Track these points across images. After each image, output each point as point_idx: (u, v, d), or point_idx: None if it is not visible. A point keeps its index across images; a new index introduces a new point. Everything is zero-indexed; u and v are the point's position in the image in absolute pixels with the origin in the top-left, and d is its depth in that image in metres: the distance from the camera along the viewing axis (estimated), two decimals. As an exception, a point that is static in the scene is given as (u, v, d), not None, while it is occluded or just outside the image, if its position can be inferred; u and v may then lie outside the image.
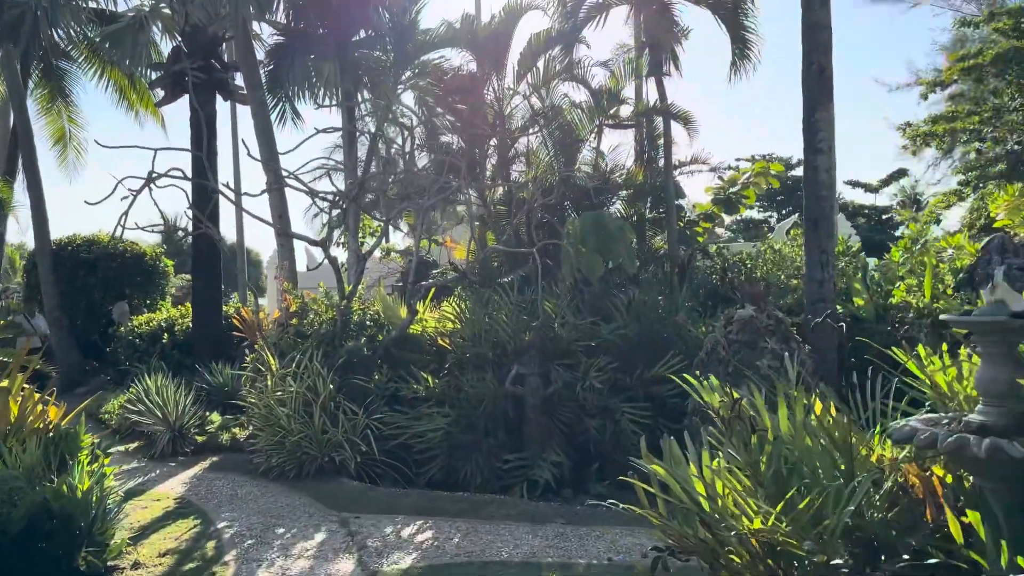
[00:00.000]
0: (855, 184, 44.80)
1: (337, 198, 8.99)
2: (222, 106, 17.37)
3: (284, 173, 10.69)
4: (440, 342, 8.93)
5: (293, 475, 8.19)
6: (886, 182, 44.91)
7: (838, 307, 8.57)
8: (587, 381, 7.92)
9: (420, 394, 8.35)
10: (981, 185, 25.65)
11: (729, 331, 7.62)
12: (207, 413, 11.37)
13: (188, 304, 15.58)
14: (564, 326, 8.37)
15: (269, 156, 13.30)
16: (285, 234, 10.67)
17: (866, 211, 44.04)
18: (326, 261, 10.07)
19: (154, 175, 8.33)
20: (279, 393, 8.58)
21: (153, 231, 9.03)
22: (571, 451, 7.96)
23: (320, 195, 8.23)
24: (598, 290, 8.99)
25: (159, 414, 9.83)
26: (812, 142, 8.44)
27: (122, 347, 14.86)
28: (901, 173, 42.84)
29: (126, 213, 8.46)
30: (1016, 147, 26.78)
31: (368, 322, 9.37)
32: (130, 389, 11.40)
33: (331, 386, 8.46)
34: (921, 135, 25.61)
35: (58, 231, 16.56)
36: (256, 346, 9.88)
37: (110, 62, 19.68)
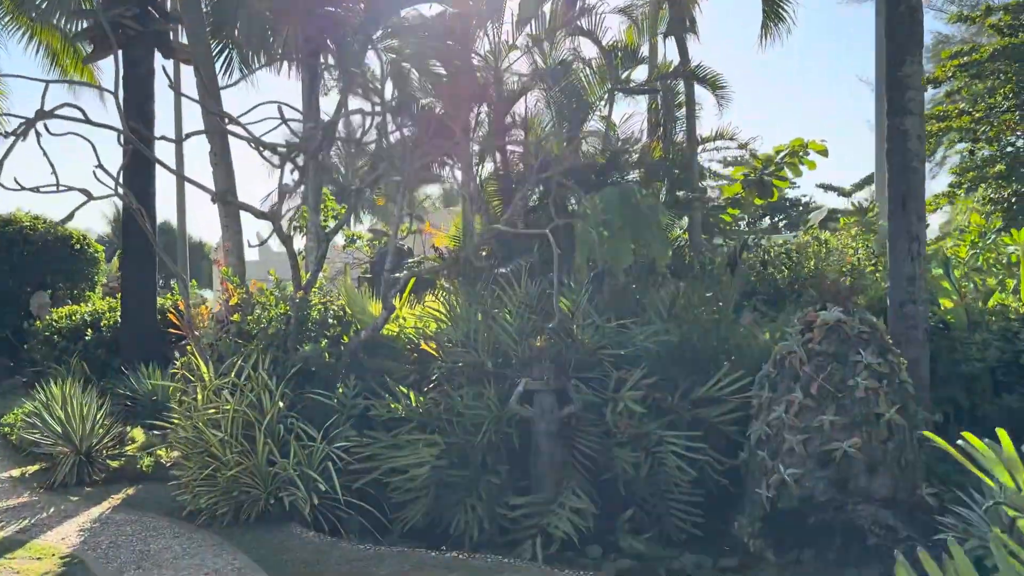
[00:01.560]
0: (827, 188, 43.72)
1: (295, 154, 6.97)
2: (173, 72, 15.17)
3: (231, 127, 8.62)
4: (424, 347, 7.01)
5: (228, 520, 6.21)
6: (859, 186, 43.92)
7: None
8: (620, 402, 6.07)
9: (399, 414, 6.42)
10: (973, 188, 24.71)
11: (808, 339, 5.83)
12: (129, 428, 9.31)
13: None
14: (586, 328, 6.51)
15: (214, 123, 11.19)
16: (225, 202, 8.63)
17: (837, 216, 42.90)
18: (278, 244, 8.09)
19: (42, 113, 6.29)
20: (212, 411, 6.59)
21: (43, 191, 6.93)
22: (596, 493, 6.10)
23: (274, 148, 6.20)
24: (622, 285, 7.16)
25: (61, 431, 7.74)
26: (899, 102, 6.70)
27: (38, 345, 12.65)
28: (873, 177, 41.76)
29: (2, 160, 6.40)
30: (1015, 147, 25.87)
31: (331, 320, 7.40)
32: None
33: (281, 403, 6.50)
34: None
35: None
36: (188, 348, 7.86)
37: (38, 21, 17.39)
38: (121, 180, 12.46)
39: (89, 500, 7.17)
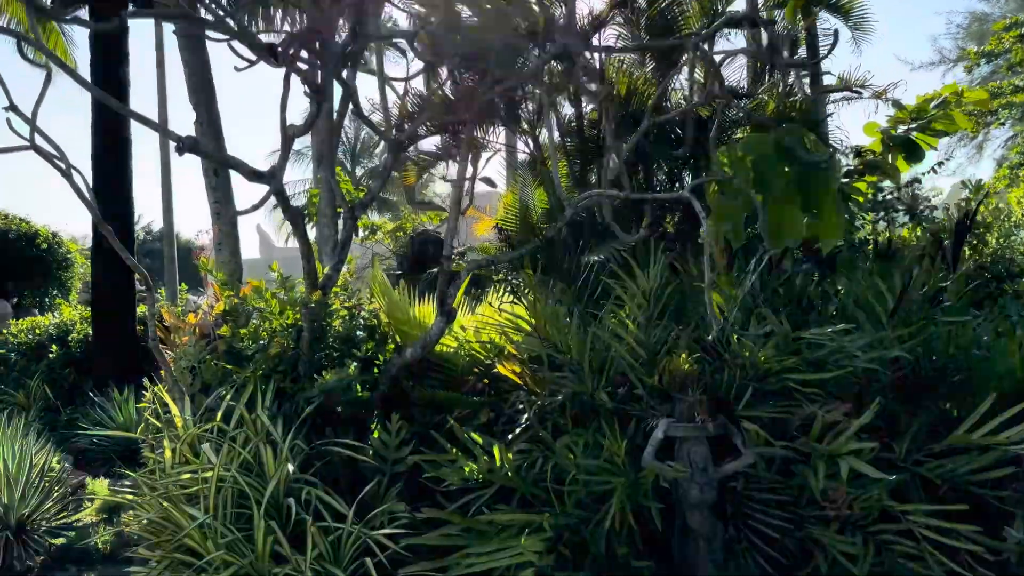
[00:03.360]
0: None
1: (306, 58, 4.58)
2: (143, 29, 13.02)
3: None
4: (502, 369, 4.74)
5: (214, 649, 3.99)
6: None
7: None
8: (831, 459, 3.81)
9: (475, 479, 4.17)
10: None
11: None
12: (89, 478, 7.10)
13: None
14: (756, 340, 4.24)
15: (200, 84, 9.00)
16: (206, 155, 6.36)
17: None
18: (282, 238, 5.93)
19: None
20: (187, 476, 4.35)
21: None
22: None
23: (272, 47, 3.91)
24: (788, 272, 4.90)
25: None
26: None
27: (-9, 364, 10.43)
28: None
29: None
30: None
31: (360, 332, 5.15)
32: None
33: (291, 463, 4.26)
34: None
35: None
36: (163, 374, 5.63)
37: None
38: (92, 163, 10.35)
39: (15, 601, 4.96)
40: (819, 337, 4.12)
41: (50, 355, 10.08)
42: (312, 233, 11.80)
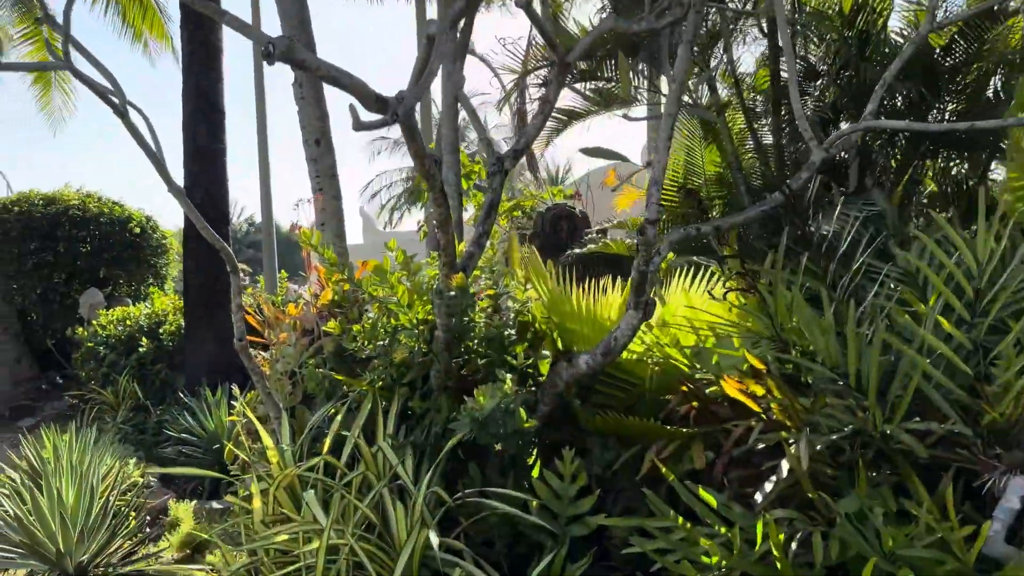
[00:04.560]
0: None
1: None
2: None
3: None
4: (730, 389, 3.22)
5: None
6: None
7: None
8: None
9: (719, 571, 2.70)
10: None
11: None
12: (173, 500, 5.99)
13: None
14: None
15: (297, 23, 7.87)
16: (304, 65, 5.12)
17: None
18: (384, 220, 4.69)
19: None
20: (283, 538, 3.06)
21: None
22: None
23: None
24: None
25: (29, 539, 4.36)
26: None
27: (80, 359, 9.64)
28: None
29: None
30: None
31: (508, 331, 3.74)
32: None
33: (432, 535, 2.90)
34: None
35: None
36: (256, 382, 4.41)
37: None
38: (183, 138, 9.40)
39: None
40: None
41: (140, 349, 9.18)
42: (419, 216, 10.55)
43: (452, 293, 3.49)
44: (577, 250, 6.70)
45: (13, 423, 10.02)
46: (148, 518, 5.42)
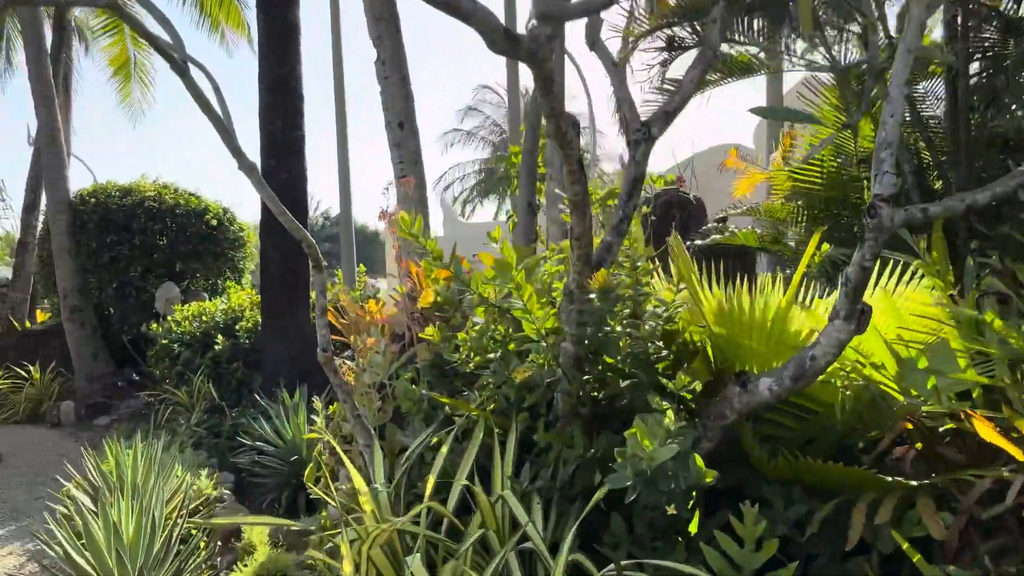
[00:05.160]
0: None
1: None
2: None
3: None
4: (985, 430, 2.36)
5: None
6: None
7: None
8: None
9: None
10: None
11: None
12: (247, 524, 5.39)
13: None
14: None
15: (382, 8, 7.23)
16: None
17: None
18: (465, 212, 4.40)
19: None
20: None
21: None
22: None
23: None
24: None
25: (89, 573, 3.77)
26: None
27: (154, 357, 9.26)
28: None
29: None
30: None
31: (655, 344, 2.94)
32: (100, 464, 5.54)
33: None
34: None
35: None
36: (343, 401, 3.73)
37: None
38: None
39: None
40: None
41: (216, 347, 8.73)
42: (498, 208, 9.89)
43: (590, 295, 2.71)
44: (699, 242, 5.84)
45: (89, 421, 9.74)
46: (219, 544, 4.83)
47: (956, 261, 3.15)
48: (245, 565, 4.47)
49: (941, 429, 2.56)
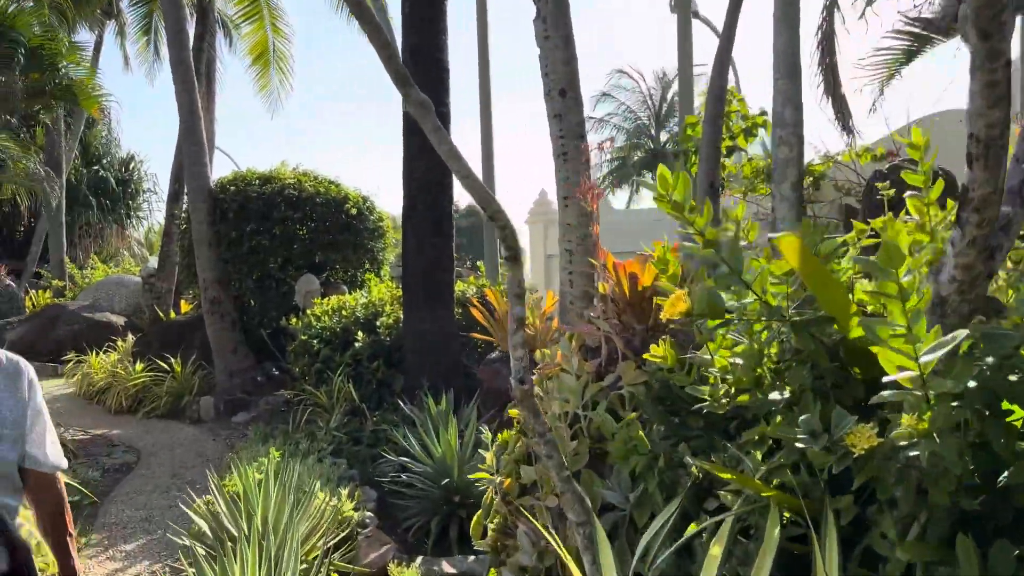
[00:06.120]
0: None
1: None
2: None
3: None
4: None
5: None
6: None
7: None
8: None
9: None
10: None
11: None
12: (394, 560, 4.54)
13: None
14: None
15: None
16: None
17: None
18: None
19: None
20: None
21: None
22: None
23: None
24: None
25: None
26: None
27: (292, 353, 8.70)
28: None
29: None
30: None
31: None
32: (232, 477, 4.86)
33: None
34: None
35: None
36: (546, 460, 2.77)
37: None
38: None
39: None
40: None
41: (356, 344, 8.05)
42: (629, 197, 8.70)
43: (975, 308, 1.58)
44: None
45: (228, 418, 9.34)
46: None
47: None
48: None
49: None
